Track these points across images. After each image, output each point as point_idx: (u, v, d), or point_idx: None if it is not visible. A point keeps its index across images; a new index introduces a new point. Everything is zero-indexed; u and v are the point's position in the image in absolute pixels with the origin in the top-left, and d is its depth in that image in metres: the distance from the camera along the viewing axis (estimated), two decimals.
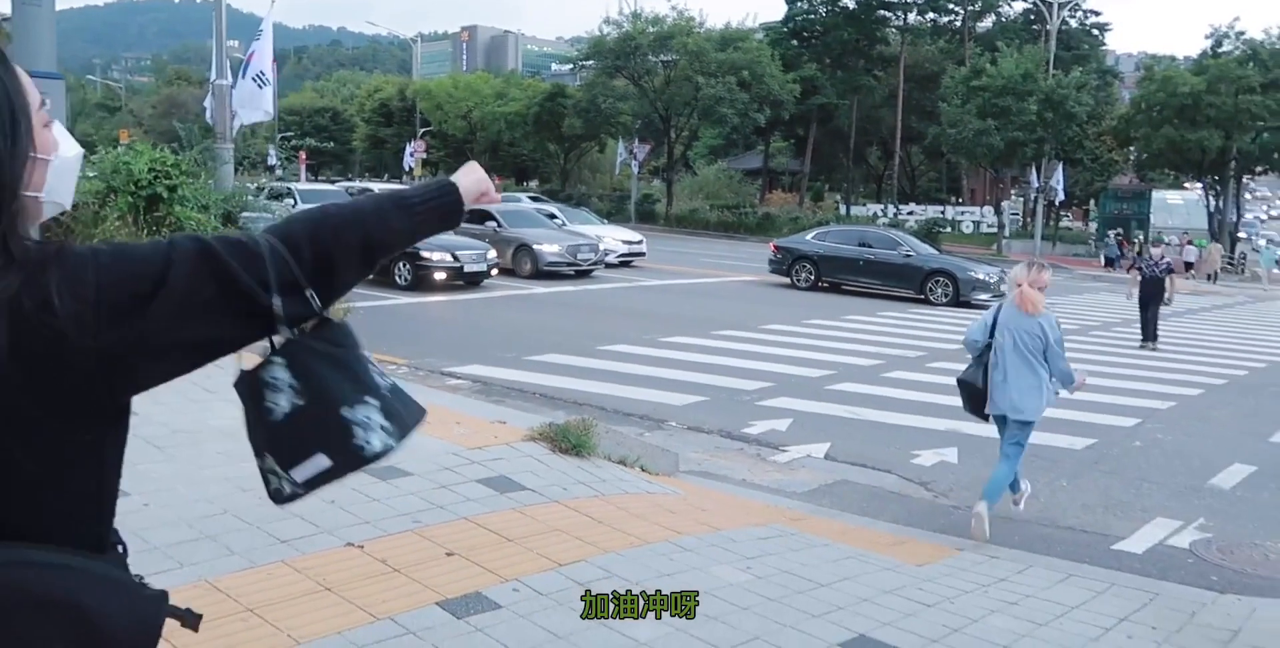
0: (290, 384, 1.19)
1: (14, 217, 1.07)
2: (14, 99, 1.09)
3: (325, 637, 3.07)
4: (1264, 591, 4.68)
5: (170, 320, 1.09)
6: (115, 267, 1.08)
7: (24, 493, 1.07)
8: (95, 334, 1.05)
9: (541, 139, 49.65)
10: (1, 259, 1.04)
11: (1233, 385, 11.26)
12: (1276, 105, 33.52)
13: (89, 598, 1.06)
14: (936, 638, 3.59)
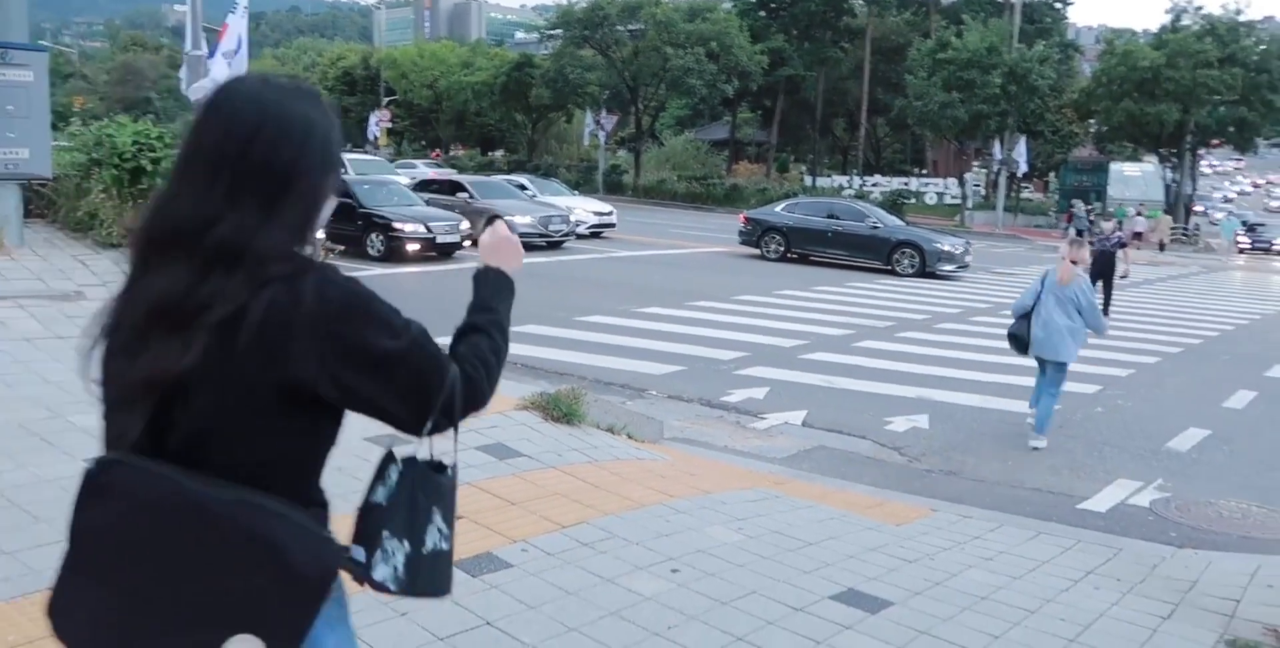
0: (391, 485, 1.44)
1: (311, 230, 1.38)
2: (332, 136, 1.41)
3: (353, 596, 3.22)
4: (1219, 545, 5.00)
5: (371, 387, 1.34)
6: (353, 316, 1.33)
7: (261, 453, 1.34)
8: (306, 358, 1.30)
9: (508, 109, 49.20)
10: (294, 266, 1.32)
11: (1188, 353, 11.69)
12: (1233, 80, 34.19)
13: (287, 540, 1.29)
14: (920, 591, 3.83)
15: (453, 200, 18.82)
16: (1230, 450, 7.18)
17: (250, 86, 1.38)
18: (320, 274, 1.33)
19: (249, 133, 1.33)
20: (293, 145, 1.35)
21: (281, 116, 1.35)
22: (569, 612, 3.28)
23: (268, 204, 1.34)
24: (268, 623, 1.27)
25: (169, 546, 1.26)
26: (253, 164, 1.33)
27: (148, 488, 1.27)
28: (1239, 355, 11.73)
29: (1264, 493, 6.10)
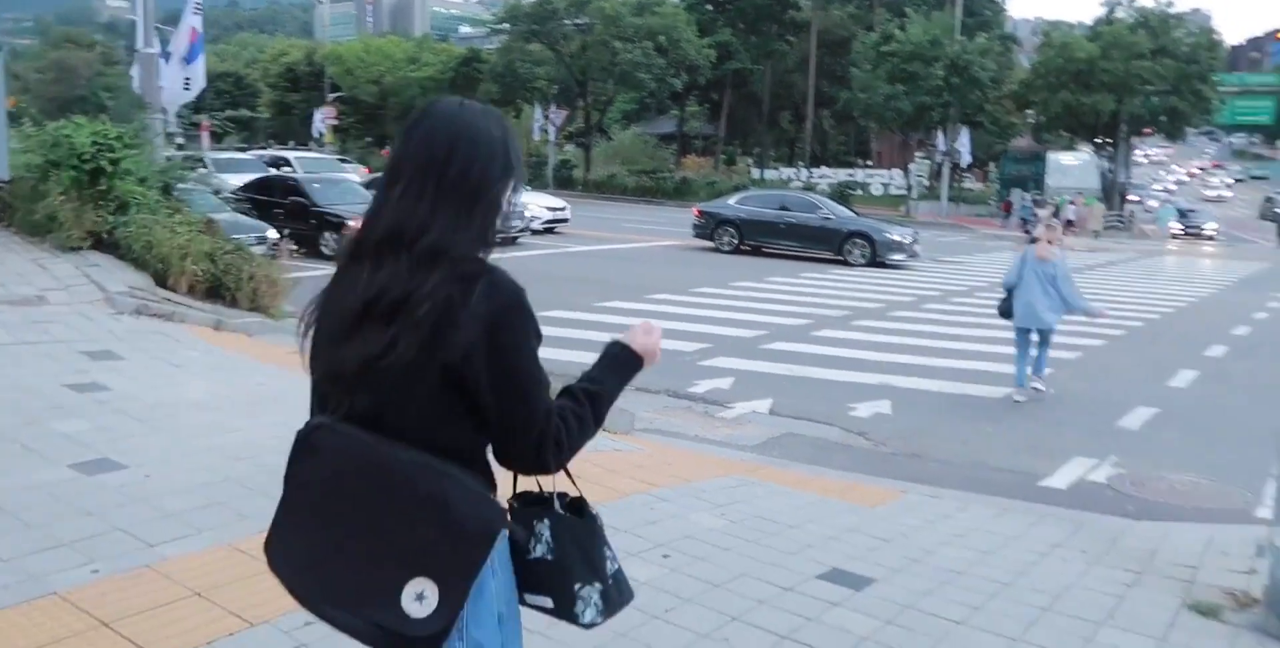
0: (548, 541, 1.59)
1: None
2: (511, 150, 1.61)
3: None
4: (1174, 517, 5.25)
5: (496, 383, 1.50)
6: (509, 317, 1.53)
7: (431, 424, 1.52)
8: (462, 347, 1.48)
9: None
10: (477, 267, 1.53)
11: (1131, 336, 12.12)
12: (1164, 70, 35.25)
13: (455, 498, 1.47)
14: (900, 568, 3.99)
15: None
16: (1177, 427, 7.50)
17: (447, 109, 1.58)
18: (492, 276, 1.53)
19: (446, 151, 1.53)
20: (481, 161, 1.55)
21: (473, 137, 1.55)
22: None
23: (464, 213, 1.54)
24: (439, 569, 1.44)
25: (360, 498, 1.47)
26: (450, 178, 1.53)
27: (345, 449, 1.50)
28: (1179, 337, 12.19)
29: (1211, 467, 6.40)
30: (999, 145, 45.03)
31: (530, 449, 1.54)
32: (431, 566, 1.44)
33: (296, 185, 16.60)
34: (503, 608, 1.57)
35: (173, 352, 6.65)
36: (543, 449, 1.54)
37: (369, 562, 1.46)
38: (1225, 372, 9.97)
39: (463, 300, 1.47)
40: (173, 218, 8.49)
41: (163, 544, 3.50)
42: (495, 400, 1.50)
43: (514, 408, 1.52)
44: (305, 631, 2.98)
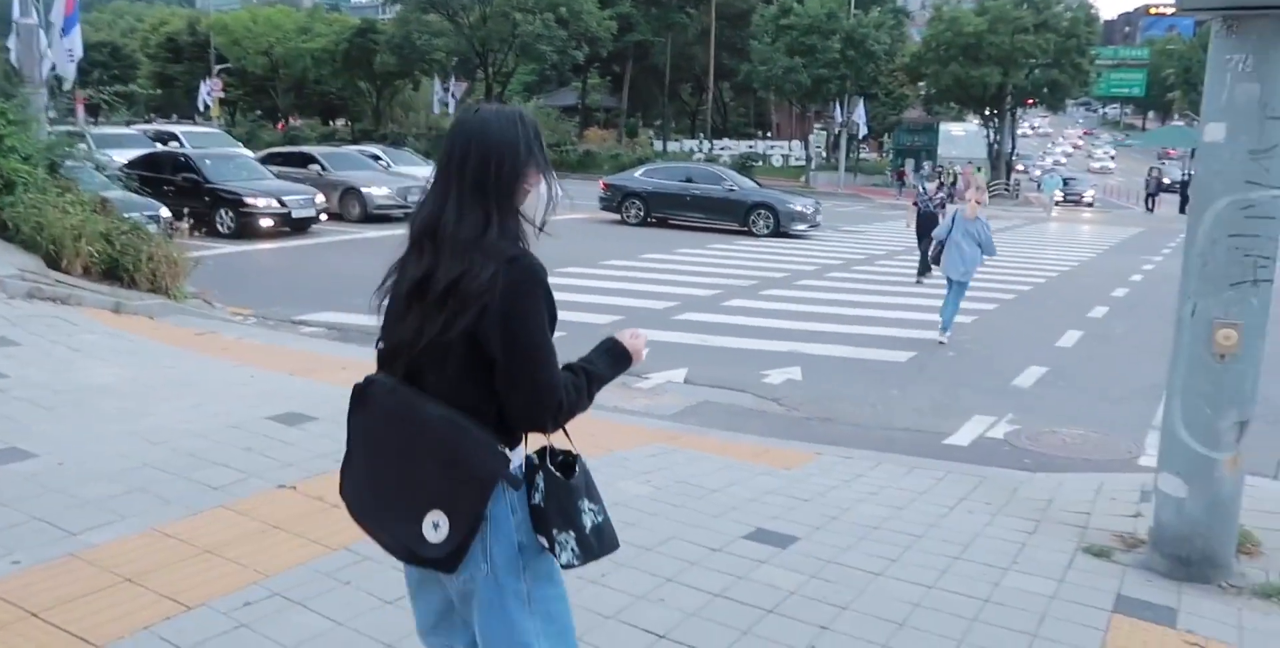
0: (541, 492, 1.84)
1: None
2: (535, 144, 1.85)
3: (292, 568, 3.29)
4: (1066, 467, 5.61)
5: (508, 351, 1.74)
6: (523, 293, 1.75)
7: (458, 386, 1.78)
8: (484, 318, 1.73)
9: (351, 77, 47.28)
10: (508, 254, 1.75)
11: (1021, 299, 12.74)
12: (1046, 44, 36.65)
13: (467, 449, 1.75)
14: (820, 526, 4.19)
15: (304, 173, 18.17)
16: (1065, 384, 7.97)
17: (469, 116, 1.85)
18: (517, 260, 1.75)
19: (463, 152, 1.79)
20: (505, 162, 1.80)
21: (484, 137, 1.80)
22: None
23: (494, 206, 1.79)
24: (451, 505, 1.74)
25: (398, 442, 1.80)
26: (475, 178, 1.79)
27: (389, 402, 1.83)
28: (1064, 299, 12.87)
29: (1097, 420, 6.84)
30: (893, 117, 46.23)
31: (533, 409, 1.76)
32: (445, 501, 1.74)
33: (188, 162, 15.94)
34: (523, 539, 1.83)
35: (70, 336, 6.39)
36: (544, 411, 1.77)
37: (401, 493, 1.79)
38: (1107, 331, 10.60)
39: (490, 282, 1.71)
40: (63, 197, 8.10)
41: (86, 532, 3.43)
42: (505, 362, 1.73)
43: (520, 370, 1.74)
44: (245, 611, 2.98)
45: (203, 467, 4.12)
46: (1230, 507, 3.83)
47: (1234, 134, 3.70)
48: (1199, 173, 3.90)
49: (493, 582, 1.81)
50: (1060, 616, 3.40)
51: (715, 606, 3.31)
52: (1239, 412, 3.77)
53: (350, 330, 8.67)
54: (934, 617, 3.33)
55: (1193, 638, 3.29)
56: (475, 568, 1.80)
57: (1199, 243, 3.81)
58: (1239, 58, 3.67)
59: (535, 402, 1.75)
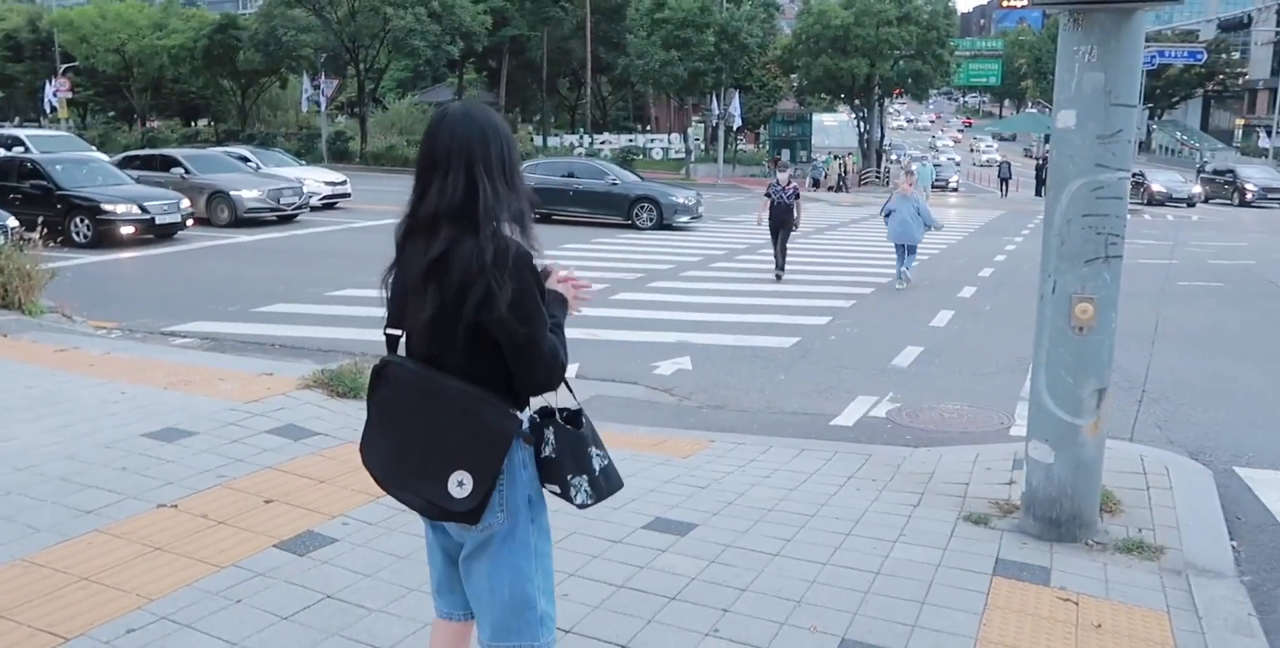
0: (552, 444, 2.07)
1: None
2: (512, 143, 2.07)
3: (176, 590, 3.16)
4: (945, 441, 5.88)
5: (502, 323, 1.94)
6: (514, 268, 1.94)
7: (466, 359, 1.99)
8: (479, 294, 1.93)
9: (213, 75, 45.23)
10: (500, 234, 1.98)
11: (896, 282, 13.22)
12: (909, 36, 38.11)
13: (485, 414, 1.98)
14: (717, 511, 4.28)
15: (166, 177, 17.33)
16: (941, 362, 8.33)
17: (458, 108, 2.05)
18: (501, 239, 1.95)
19: (472, 140, 1.98)
20: (506, 146, 2.02)
21: (496, 126, 2.02)
22: (407, 574, 3.39)
23: (502, 187, 2.00)
24: (473, 464, 1.97)
25: (420, 412, 2.00)
26: (482, 161, 1.98)
27: (407, 378, 2.03)
28: (935, 281, 13.43)
29: (972, 395, 7.19)
30: (767, 108, 47.24)
31: (547, 377, 2.00)
32: (468, 461, 1.97)
33: (35, 167, 14.98)
34: (531, 493, 2.08)
35: None
36: (553, 377, 2.01)
37: (425, 458, 2.00)
38: (976, 309, 11.13)
39: (480, 259, 1.90)
40: None
41: None
42: (511, 345, 1.94)
43: (528, 348, 1.95)
44: (129, 639, 2.85)
45: (74, 490, 3.90)
46: (1093, 469, 4.09)
47: (1083, 120, 3.94)
48: (1054, 157, 4.13)
49: (508, 531, 2.04)
50: (945, 582, 3.57)
51: (619, 597, 3.34)
52: (1098, 380, 4.02)
53: (226, 340, 8.34)
54: (829, 592, 3.45)
55: (1064, 594, 3.51)
56: (493, 517, 2.02)
57: (1056, 223, 4.04)
58: (1085, 49, 3.91)
59: (546, 371, 1.99)
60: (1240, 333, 9.98)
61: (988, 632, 3.19)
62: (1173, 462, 5.21)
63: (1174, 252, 18.18)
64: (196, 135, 46.02)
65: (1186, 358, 8.55)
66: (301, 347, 8.25)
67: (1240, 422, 6.54)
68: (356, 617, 3.08)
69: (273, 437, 4.73)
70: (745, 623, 3.18)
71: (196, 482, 4.09)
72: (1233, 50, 71.29)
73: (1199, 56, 49.24)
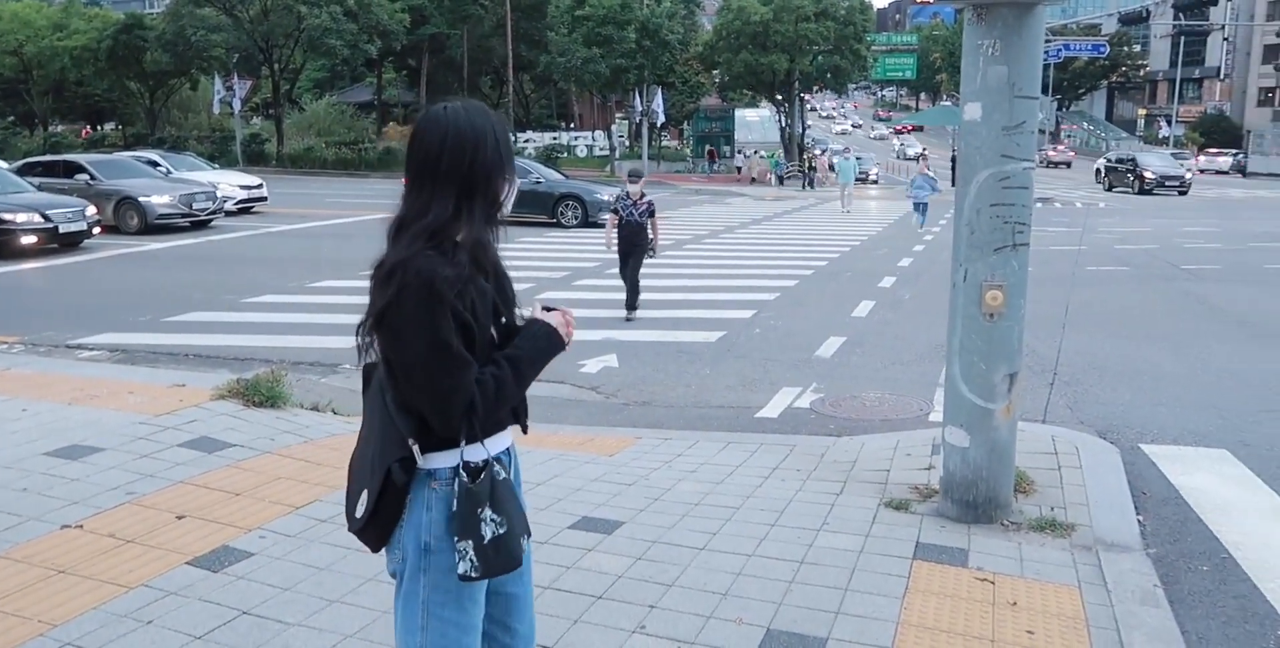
0: (455, 493, 1.88)
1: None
2: (505, 137, 1.92)
3: (83, 614, 3.03)
4: (867, 429, 5.98)
5: (392, 353, 1.84)
6: (406, 296, 1.79)
7: (394, 383, 1.86)
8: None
9: (119, 77, 43.59)
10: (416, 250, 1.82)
11: (818, 274, 13.43)
12: (827, 31, 38.70)
13: (385, 435, 1.87)
14: (644, 507, 4.28)
15: (71, 183, 16.68)
16: (862, 352, 8.48)
17: (435, 112, 1.88)
18: (412, 261, 1.78)
19: (437, 149, 1.83)
20: (469, 153, 1.83)
21: (460, 133, 1.83)
22: (327, 586, 3.32)
23: (462, 199, 1.84)
24: (370, 486, 1.87)
25: (368, 421, 1.96)
26: (443, 171, 1.83)
27: (375, 382, 1.94)
28: (856, 272, 13.68)
29: (892, 383, 7.33)
30: (690, 104, 47.49)
31: (424, 405, 1.81)
32: (369, 482, 1.88)
33: None
34: (430, 540, 1.87)
35: None
36: (434, 408, 1.80)
37: (363, 467, 1.94)
38: (895, 299, 11.36)
39: (387, 279, 1.78)
40: None
41: None
42: (382, 353, 1.84)
43: (394, 361, 1.81)
44: None
45: None
46: (1007, 452, 4.20)
47: (989, 112, 4.04)
48: (963, 149, 4.23)
49: (404, 574, 1.91)
50: (868, 568, 3.63)
51: (546, 598, 3.31)
52: (1009, 365, 4.14)
53: (136, 351, 8.06)
54: (755, 583, 3.48)
55: (982, 574, 3.60)
56: (391, 553, 1.92)
57: (966, 213, 4.14)
58: (989, 43, 4.01)
59: (430, 407, 1.80)
60: (1145, 315, 10.38)
61: (908, 615, 3.25)
62: (1082, 442, 5.39)
63: (1082, 238, 18.83)
64: (104, 140, 44.32)
65: (1095, 341, 8.86)
66: (217, 356, 8.03)
67: (1145, 401, 6.80)
68: (274, 632, 3.00)
69: (185, 450, 4.58)
70: (672, 619, 3.19)
71: (103, 500, 3.93)
72: (1133, 43, 74.20)
73: (1102, 49, 51.17)
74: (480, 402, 1.81)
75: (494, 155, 1.86)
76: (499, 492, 1.86)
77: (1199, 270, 13.99)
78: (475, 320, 1.83)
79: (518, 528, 1.89)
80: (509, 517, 1.87)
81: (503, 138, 1.90)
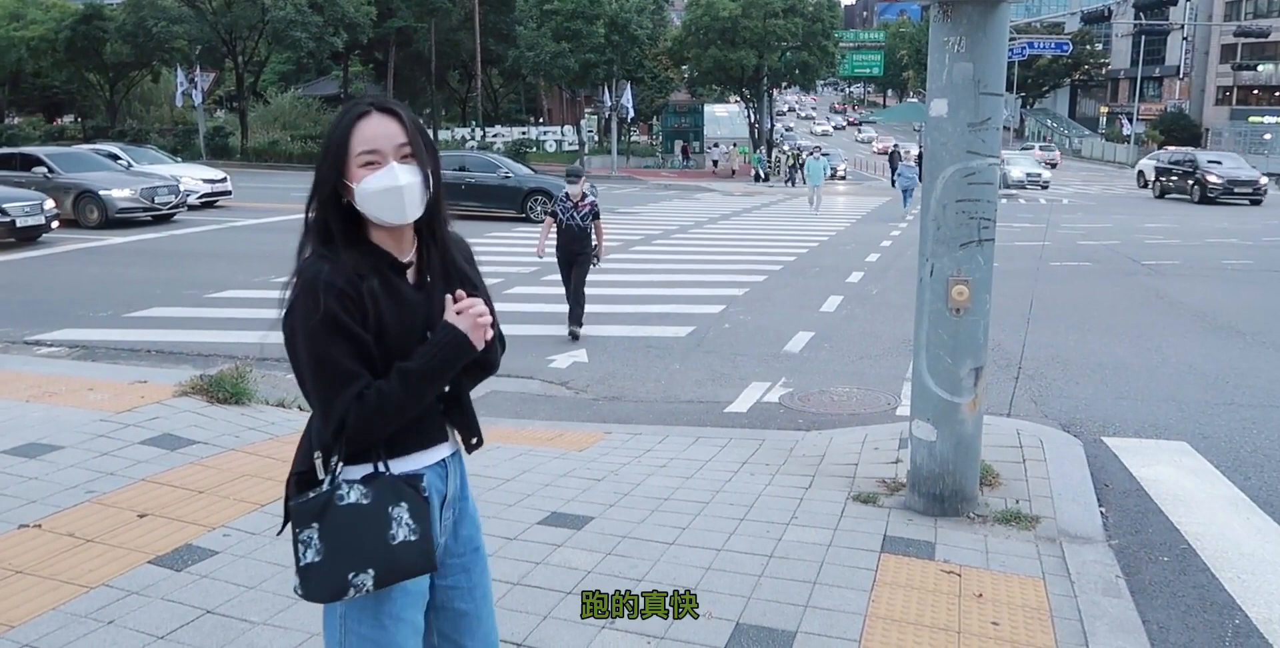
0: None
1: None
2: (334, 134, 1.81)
3: (40, 615, 2.97)
4: (836, 424, 6.02)
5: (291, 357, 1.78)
6: (296, 298, 1.77)
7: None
8: None
9: (78, 68, 42.72)
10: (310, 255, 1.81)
11: (786, 270, 13.49)
12: (795, 28, 38.86)
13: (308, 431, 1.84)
14: (613, 503, 4.27)
15: (28, 176, 16.33)
16: (830, 347, 8.53)
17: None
18: (300, 270, 1.75)
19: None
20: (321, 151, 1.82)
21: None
22: (291, 584, 3.27)
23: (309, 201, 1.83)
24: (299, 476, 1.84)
25: None
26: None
27: None
28: (824, 267, 13.75)
29: (860, 377, 7.38)
30: (659, 99, 47.47)
31: (321, 427, 1.74)
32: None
33: None
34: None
35: None
36: (326, 430, 1.71)
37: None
38: (863, 294, 11.44)
39: (286, 285, 1.75)
40: None
41: None
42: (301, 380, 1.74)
43: (301, 389, 1.74)
44: None
45: None
46: (973, 445, 4.25)
47: (955, 109, 4.07)
48: (929, 145, 4.26)
49: None
50: (836, 561, 3.65)
51: (515, 594, 3.30)
52: (974, 359, 4.18)
53: (97, 348, 7.92)
54: (724, 578, 3.48)
55: (948, 566, 3.64)
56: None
57: (933, 209, 4.17)
58: (954, 40, 4.04)
59: (321, 420, 1.72)
60: (1107, 309, 10.53)
61: (876, 608, 3.28)
62: (1047, 435, 5.46)
63: (1046, 234, 19.07)
64: (62, 132, 43.46)
65: (1059, 335, 8.98)
66: (180, 352, 7.91)
67: (1107, 394, 6.91)
68: (239, 632, 2.96)
69: (147, 448, 4.51)
70: None
71: (62, 499, 3.86)
72: (1096, 42, 75.20)
73: (1065, 47, 51.79)
74: (353, 418, 1.67)
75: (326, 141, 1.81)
76: (332, 517, 1.72)
77: (1159, 266, 14.22)
78: (380, 327, 1.72)
79: (346, 563, 1.71)
80: (334, 546, 1.71)
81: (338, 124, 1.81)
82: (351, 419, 1.67)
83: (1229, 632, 3.39)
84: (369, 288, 1.72)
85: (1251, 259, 15.26)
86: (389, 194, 1.75)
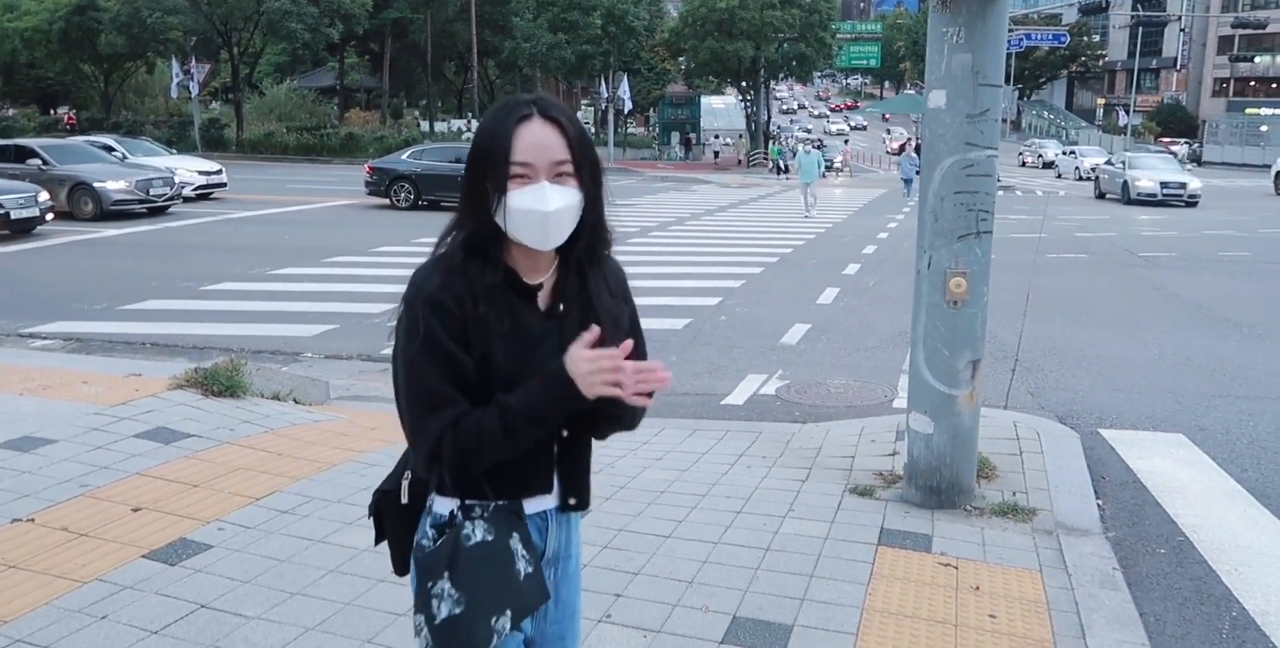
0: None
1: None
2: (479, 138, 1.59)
3: (33, 610, 2.96)
4: (832, 416, 6.01)
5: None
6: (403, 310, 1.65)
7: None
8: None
9: (72, 59, 42.54)
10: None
11: (783, 262, 13.47)
12: (792, 19, 38.74)
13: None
14: (610, 495, 4.26)
15: (22, 168, 16.27)
16: (827, 339, 8.52)
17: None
18: (423, 268, 1.62)
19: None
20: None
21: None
22: (287, 578, 3.26)
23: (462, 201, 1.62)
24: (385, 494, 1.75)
25: None
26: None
27: None
28: (821, 259, 13.73)
29: (857, 370, 7.37)
30: (656, 91, 47.36)
31: (416, 457, 1.58)
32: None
33: None
34: (416, 586, 1.64)
35: None
36: (419, 460, 1.56)
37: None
38: (860, 286, 11.42)
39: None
40: None
41: None
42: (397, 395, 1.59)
43: (401, 403, 1.58)
44: None
45: None
46: (970, 438, 4.24)
47: (953, 100, 4.05)
48: (927, 136, 4.24)
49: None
50: (833, 554, 3.64)
51: None
52: (972, 352, 4.16)
53: (91, 340, 7.89)
54: (721, 571, 3.47)
55: (945, 559, 3.63)
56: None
57: (930, 200, 4.15)
58: (953, 31, 4.01)
59: (409, 439, 1.56)
60: (1104, 302, 10.53)
61: (873, 601, 3.27)
62: (1043, 427, 5.45)
63: (1043, 226, 19.06)
64: (57, 124, 43.25)
65: (1056, 327, 8.97)
66: (175, 345, 7.88)
67: (1104, 386, 6.90)
68: (234, 626, 2.95)
69: (141, 441, 4.48)
70: (638, 607, 3.18)
71: (56, 493, 3.84)
72: (1093, 33, 75.09)
73: (1063, 39, 51.72)
74: (448, 447, 1.49)
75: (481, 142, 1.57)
76: (465, 559, 1.55)
77: (1155, 258, 14.22)
78: (485, 355, 1.53)
79: (488, 608, 1.54)
80: (473, 592, 1.54)
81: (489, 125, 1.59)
82: (446, 449, 1.49)
83: (1226, 624, 3.39)
84: (479, 311, 1.53)
85: (1248, 251, 15.27)
86: (531, 217, 1.53)
